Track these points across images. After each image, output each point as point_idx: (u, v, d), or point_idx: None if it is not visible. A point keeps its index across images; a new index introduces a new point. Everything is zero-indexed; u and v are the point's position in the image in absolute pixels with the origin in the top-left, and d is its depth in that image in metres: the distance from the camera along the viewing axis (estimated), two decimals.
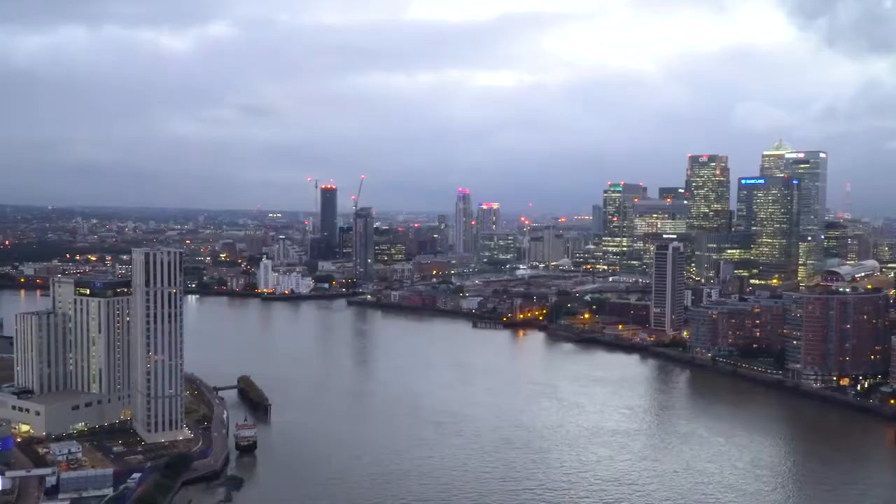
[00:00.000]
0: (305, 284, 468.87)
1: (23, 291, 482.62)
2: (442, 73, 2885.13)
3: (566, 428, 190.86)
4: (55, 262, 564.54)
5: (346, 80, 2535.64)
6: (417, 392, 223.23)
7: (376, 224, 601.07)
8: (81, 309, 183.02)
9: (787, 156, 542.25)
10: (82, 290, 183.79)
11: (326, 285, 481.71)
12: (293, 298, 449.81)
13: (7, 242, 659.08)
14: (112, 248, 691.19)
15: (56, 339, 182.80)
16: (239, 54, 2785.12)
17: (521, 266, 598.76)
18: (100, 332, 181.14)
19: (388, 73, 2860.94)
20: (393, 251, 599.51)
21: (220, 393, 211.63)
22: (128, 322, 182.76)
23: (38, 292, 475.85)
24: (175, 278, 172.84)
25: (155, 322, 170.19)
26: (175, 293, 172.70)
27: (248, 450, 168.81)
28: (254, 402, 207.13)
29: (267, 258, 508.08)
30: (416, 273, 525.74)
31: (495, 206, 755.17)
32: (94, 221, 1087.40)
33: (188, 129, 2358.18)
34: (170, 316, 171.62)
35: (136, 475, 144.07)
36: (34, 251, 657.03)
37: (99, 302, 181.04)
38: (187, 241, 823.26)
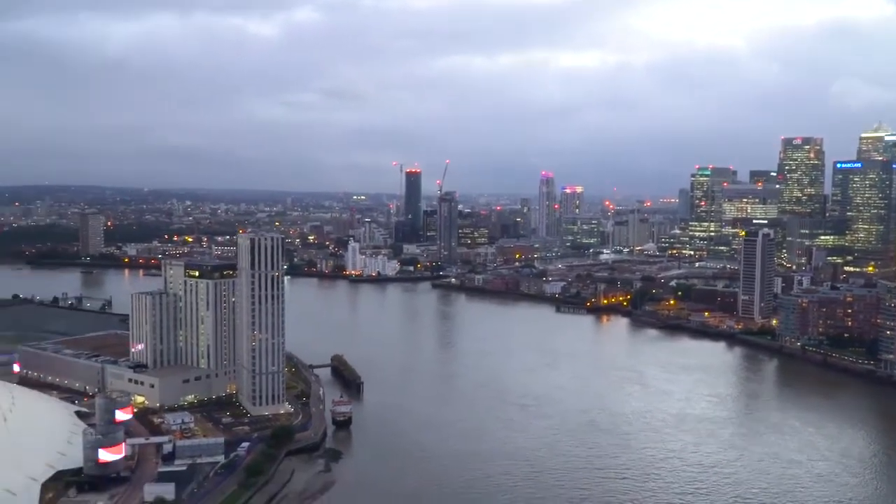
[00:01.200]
0: (391, 267, 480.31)
1: (126, 271, 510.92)
2: (525, 54, 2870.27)
3: (652, 414, 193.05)
4: (155, 242, 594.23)
5: (430, 63, 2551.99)
6: (502, 375, 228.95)
7: (459, 207, 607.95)
8: (191, 290, 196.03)
9: (887, 138, 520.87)
10: (192, 273, 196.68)
11: (411, 268, 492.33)
12: (379, 280, 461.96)
13: (109, 224, 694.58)
14: (207, 229, 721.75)
15: (168, 317, 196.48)
16: (323, 39, 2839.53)
17: (604, 250, 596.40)
18: (207, 311, 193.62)
19: (471, 55, 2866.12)
20: (476, 235, 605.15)
21: (315, 370, 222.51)
22: (233, 302, 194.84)
23: (141, 272, 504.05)
24: (277, 262, 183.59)
25: (259, 303, 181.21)
26: (277, 276, 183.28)
27: (343, 425, 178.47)
28: (346, 380, 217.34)
29: (354, 241, 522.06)
30: (499, 257, 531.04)
31: (579, 189, 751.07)
32: (188, 203, 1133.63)
33: (274, 114, 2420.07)
34: (272, 297, 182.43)
35: (245, 444, 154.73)
36: (134, 232, 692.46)
37: (207, 283, 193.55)
38: (277, 224, 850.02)
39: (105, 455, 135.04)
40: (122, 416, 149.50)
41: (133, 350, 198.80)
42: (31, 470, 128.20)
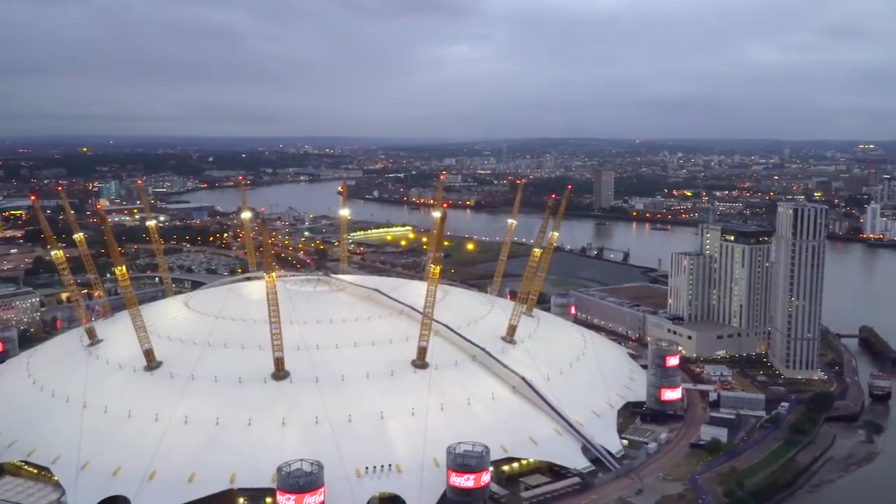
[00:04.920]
0: None
1: (634, 224, 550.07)
2: None
3: None
4: (658, 197, 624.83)
5: None
6: None
7: None
8: (726, 252, 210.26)
9: None
10: (727, 237, 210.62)
11: None
12: None
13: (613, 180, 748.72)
14: (704, 183, 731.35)
15: (703, 276, 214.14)
16: None
17: None
18: (742, 273, 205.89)
19: None
20: None
21: (842, 340, 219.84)
22: (767, 267, 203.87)
23: (647, 226, 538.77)
24: (819, 232, 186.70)
25: (798, 270, 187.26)
26: (818, 246, 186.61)
27: (881, 399, 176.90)
28: (878, 353, 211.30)
29: (870, 200, 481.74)
30: None
31: None
32: (680, 155, 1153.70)
33: (768, 57, 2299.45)
34: (812, 265, 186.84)
35: (785, 404, 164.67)
36: (634, 185, 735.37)
37: (742, 248, 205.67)
38: (774, 178, 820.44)
39: (667, 394, 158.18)
40: (671, 361, 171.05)
41: (670, 302, 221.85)
42: (609, 398, 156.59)
